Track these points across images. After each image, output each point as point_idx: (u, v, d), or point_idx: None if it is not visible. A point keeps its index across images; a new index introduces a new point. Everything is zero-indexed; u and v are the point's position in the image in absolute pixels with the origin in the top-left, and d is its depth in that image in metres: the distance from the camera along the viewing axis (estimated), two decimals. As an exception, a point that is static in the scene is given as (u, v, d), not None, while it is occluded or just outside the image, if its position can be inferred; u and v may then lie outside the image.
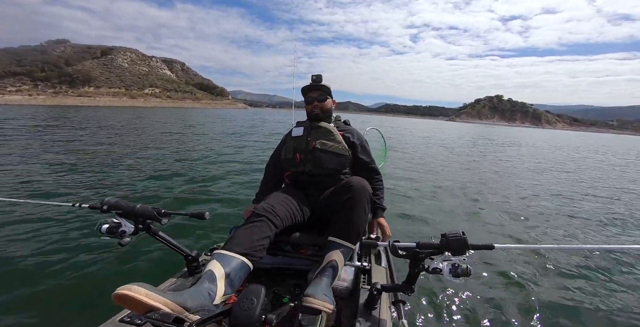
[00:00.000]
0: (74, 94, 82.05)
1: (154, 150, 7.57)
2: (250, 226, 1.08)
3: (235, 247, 0.98)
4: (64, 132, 10.26)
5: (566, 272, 2.34)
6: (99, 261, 2.17)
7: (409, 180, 5.64)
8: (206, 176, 5.05)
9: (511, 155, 11.72)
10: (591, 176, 7.72)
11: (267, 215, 1.13)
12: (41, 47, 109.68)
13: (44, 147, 7.12)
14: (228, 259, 0.94)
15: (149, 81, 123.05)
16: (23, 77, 78.92)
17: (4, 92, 68.04)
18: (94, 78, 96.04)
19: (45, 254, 2.24)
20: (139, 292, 0.69)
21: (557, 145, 20.77)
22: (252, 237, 1.03)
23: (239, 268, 0.94)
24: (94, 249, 2.32)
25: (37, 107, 35.92)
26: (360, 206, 1.16)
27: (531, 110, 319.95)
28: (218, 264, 0.91)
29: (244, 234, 1.05)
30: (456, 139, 19.86)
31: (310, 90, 1.58)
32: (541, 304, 1.91)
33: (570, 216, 3.94)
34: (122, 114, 26.47)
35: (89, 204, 1.12)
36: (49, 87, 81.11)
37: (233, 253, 0.96)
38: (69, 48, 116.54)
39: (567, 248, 1.82)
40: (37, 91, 75.52)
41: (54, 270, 2.05)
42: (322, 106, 1.56)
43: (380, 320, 0.95)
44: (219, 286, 0.87)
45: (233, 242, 1.00)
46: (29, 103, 58.11)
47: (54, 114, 21.23)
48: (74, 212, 2.99)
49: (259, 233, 1.06)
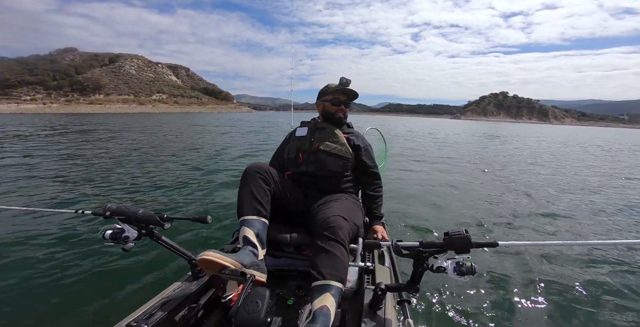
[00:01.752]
0: (86, 101, 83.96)
1: (160, 155, 7.59)
2: (249, 187, 1.20)
3: (250, 210, 1.15)
4: (87, 139, 10.72)
5: (573, 269, 2.29)
6: (103, 267, 2.17)
7: (410, 179, 5.56)
8: (209, 179, 5.10)
9: (517, 152, 11.54)
10: (602, 171, 7.61)
11: (260, 171, 1.23)
12: (51, 56, 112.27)
13: (57, 155, 7.25)
14: (252, 223, 1.13)
15: (156, 87, 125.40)
16: (36, 86, 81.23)
17: (19, 101, 69.93)
18: (103, 85, 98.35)
19: (49, 261, 2.25)
20: (214, 256, 0.91)
21: (565, 141, 20.48)
22: (258, 198, 1.17)
23: (262, 228, 1.14)
24: (97, 255, 2.33)
25: (52, 116, 36.93)
26: (339, 244, 1.07)
27: (538, 106, 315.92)
28: (248, 229, 1.10)
29: (248, 195, 1.18)
30: (454, 136, 19.74)
31: (342, 93, 1.55)
32: (548, 301, 1.87)
33: (580, 211, 3.86)
34: (134, 120, 27.29)
35: (91, 210, 1.13)
36: (61, 95, 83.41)
37: (252, 216, 1.14)
38: (78, 56, 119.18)
39: (573, 244, 1.77)
40: (50, 100, 77.42)
41: (59, 277, 2.05)
42: (345, 111, 1.57)
43: (385, 320, 0.95)
44: (257, 244, 1.08)
45: (243, 206, 1.16)
46: (44, 111, 59.57)
47: (74, 122, 21.88)
48: (76, 219, 3.00)
49: (261, 192, 1.19)
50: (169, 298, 1.01)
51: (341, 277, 1.01)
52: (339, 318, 1.07)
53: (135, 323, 0.87)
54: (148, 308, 0.95)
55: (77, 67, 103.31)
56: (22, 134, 12.19)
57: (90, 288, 1.95)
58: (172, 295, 1.04)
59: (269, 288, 0.84)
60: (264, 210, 1.17)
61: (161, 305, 0.97)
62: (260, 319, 0.75)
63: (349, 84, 1.54)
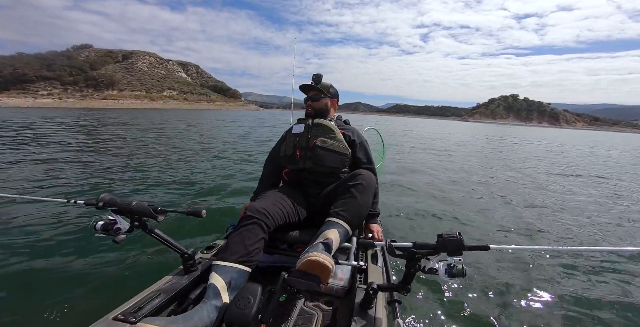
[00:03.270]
0: (99, 97, 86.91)
1: (159, 149, 7.52)
2: (242, 231, 1.10)
3: (232, 255, 1.01)
4: (97, 132, 10.93)
5: (561, 274, 2.32)
6: (93, 259, 2.11)
7: (409, 179, 5.46)
8: (205, 172, 5.05)
9: (520, 157, 10.88)
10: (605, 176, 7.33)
11: (259, 216, 1.14)
12: (67, 52, 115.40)
13: (64, 148, 7.16)
14: (226, 269, 0.98)
15: (167, 84, 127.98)
16: (53, 81, 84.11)
17: (36, 96, 72.70)
18: (117, 81, 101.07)
19: (37, 252, 2.20)
20: None
21: (571, 143, 19.98)
22: (246, 243, 1.06)
23: (237, 276, 0.98)
24: (88, 246, 2.27)
25: (67, 110, 38.02)
26: (367, 192, 1.17)
27: (549, 109, 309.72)
28: (217, 276, 0.96)
29: (238, 240, 1.07)
30: (461, 136, 19.79)
31: (307, 89, 1.61)
32: (537, 305, 1.91)
33: (572, 216, 3.85)
34: (146, 115, 27.62)
35: (84, 200, 1.11)
36: (76, 90, 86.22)
37: (230, 263, 1.00)
38: (93, 53, 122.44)
39: (563, 249, 1.78)
40: (66, 95, 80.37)
41: (45, 268, 2.00)
42: (314, 105, 1.58)
43: (375, 319, 0.96)
44: (223, 297, 0.91)
45: (229, 250, 1.03)
46: (60, 106, 61.91)
47: (87, 116, 22.18)
48: (69, 208, 2.93)
49: (252, 237, 1.08)
50: (159, 292, 1.01)
51: (351, 222, 1.10)
52: (329, 316, 1.08)
53: (123, 316, 0.86)
54: (137, 301, 0.95)
55: (92, 63, 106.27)
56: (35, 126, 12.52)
57: (78, 280, 1.88)
58: (163, 288, 1.04)
59: (261, 284, 0.84)
60: (249, 257, 1.06)
61: (151, 298, 0.97)
62: (252, 315, 0.75)
63: (320, 79, 1.59)
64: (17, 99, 65.88)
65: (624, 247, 0.83)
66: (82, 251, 2.24)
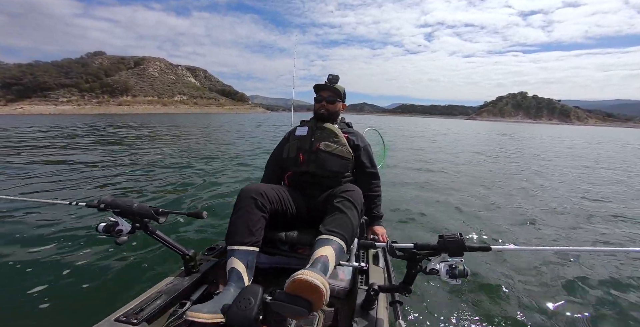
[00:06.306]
0: (115, 103, 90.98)
1: (171, 153, 7.59)
2: (241, 213, 1.15)
3: (244, 239, 1.10)
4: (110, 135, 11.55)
5: (563, 274, 2.29)
6: (95, 260, 2.13)
7: (409, 179, 5.48)
8: (208, 174, 5.10)
9: (523, 154, 10.78)
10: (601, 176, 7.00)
11: (254, 195, 1.17)
12: (82, 59, 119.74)
13: (82, 150, 7.43)
14: (243, 254, 1.08)
15: (177, 89, 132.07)
16: (72, 89, 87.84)
17: (56, 103, 76.19)
18: (130, 87, 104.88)
19: (40, 253, 2.22)
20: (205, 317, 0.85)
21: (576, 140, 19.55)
22: (249, 225, 1.12)
23: (251, 258, 1.10)
24: (90, 248, 2.29)
25: (85, 116, 39.18)
26: (354, 208, 1.16)
27: (559, 106, 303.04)
28: (237, 260, 1.06)
29: (241, 223, 1.13)
30: (466, 136, 19.46)
31: (322, 89, 1.56)
32: (537, 305, 1.90)
33: (575, 216, 3.76)
34: (158, 120, 28.00)
35: (86, 202, 1.12)
36: (93, 97, 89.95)
37: (242, 246, 1.09)
38: (106, 59, 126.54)
39: (565, 250, 1.65)
40: (84, 101, 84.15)
41: (49, 268, 2.02)
42: (328, 107, 1.54)
43: (377, 320, 0.95)
44: (245, 280, 1.03)
45: (235, 234, 1.11)
46: (79, 112, 64.97)
47: (106, 122, 22.59)
48: (71, 210, 2.97)
49: (253, 218, 1.14)
50: (160, 293, 1.01)
51: (345, 237, 1.07)
52: (330, 317, 1.08)
53: (125, 317, 0.86)
54: (138, 302, 0.95)
55: (106, 70, 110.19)
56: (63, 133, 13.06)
57: (80, 281, 1.89)
58: (164, 290, 1.04)
59: (262, 286, 0.84)
60: (255, 238, 1.12)
61: (152, 300, 0.97)
62: (253, 316, 0.75)
63: (336, 81, 1.57)
64: (38, 106, 69.35)
65: (628, 248, 0.82)
66: (83, 252, 2.25)
